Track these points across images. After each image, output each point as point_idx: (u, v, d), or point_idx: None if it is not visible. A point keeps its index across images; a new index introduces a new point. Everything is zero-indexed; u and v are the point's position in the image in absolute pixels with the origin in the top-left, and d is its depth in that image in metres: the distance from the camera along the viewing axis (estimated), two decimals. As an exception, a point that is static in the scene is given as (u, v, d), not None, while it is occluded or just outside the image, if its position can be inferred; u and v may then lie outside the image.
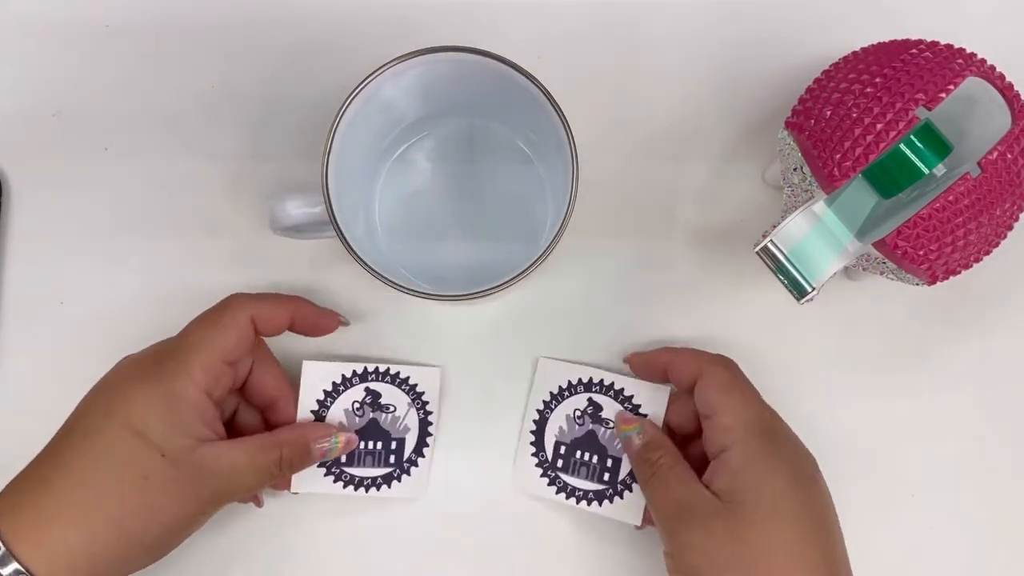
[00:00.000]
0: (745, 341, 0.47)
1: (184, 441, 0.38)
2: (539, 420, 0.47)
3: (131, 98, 0.49)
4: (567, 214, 0.39)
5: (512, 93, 0.41)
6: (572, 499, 0.46)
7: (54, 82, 0.49)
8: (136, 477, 0.37)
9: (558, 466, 0.46)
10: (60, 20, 0.50)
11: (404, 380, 0.47)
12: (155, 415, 0.38)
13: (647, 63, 0.49)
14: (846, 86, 0.40)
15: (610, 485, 0.46)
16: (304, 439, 0.42)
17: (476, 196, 0.47)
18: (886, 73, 0.39)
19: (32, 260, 0.48)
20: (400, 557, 0.46)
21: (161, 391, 0.38)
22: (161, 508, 0.38)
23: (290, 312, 0.43)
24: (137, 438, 0.38)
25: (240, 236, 0.48)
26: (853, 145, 0.38)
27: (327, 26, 0.49)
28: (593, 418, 0.46)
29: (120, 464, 0.37)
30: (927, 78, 0.38)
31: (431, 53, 0.40)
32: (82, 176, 0.49)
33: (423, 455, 0.47)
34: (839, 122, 0.39)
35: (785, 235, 0.40)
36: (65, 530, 0.36)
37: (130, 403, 0.38)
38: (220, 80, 0.49)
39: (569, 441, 0.46)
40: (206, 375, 0.39)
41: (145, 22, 0.50)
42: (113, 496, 0.37)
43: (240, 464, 0.39)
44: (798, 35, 0.49)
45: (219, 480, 0.39)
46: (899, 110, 0.38)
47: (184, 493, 0.38)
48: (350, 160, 0.42)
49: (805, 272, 0.40)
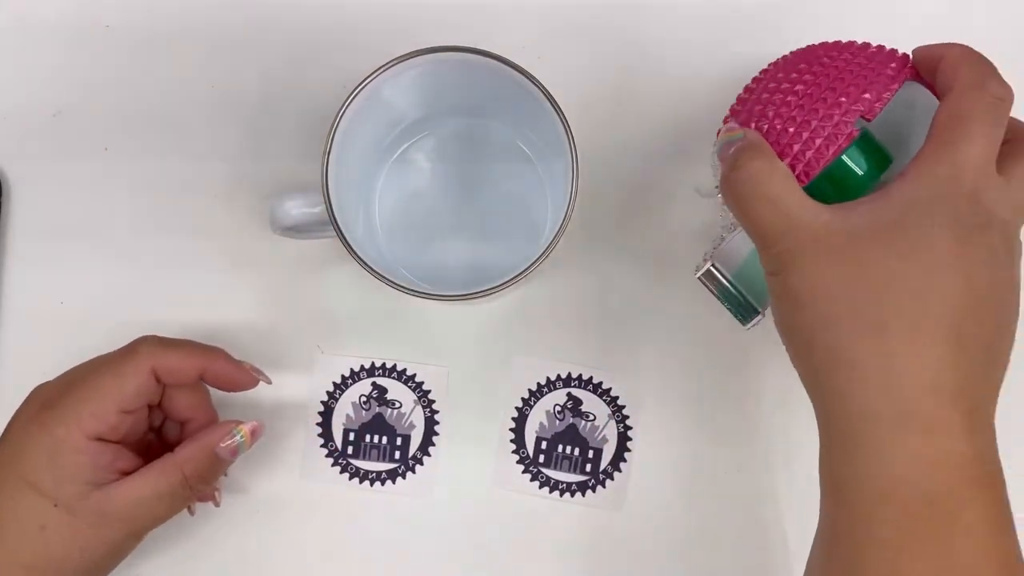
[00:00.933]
0: (748, 342, 0.47)
1: (74, 488, 0.38)
2: (518, 418, 0.47)
3: (131, 98, 0.49)
4: (567, 214, 0.39)
5: (512, 93, 0.41)
6: (556, 492, 0.46)
7: (54, 82, 0.49)
8: (35, 528, 0.37)
9: (540, 461, 0.46)
10: (60, 20, 0.50)
11: (411, 377, 0.47)
12: (43, 465, 0.37)
13: (648, 63, 0.49)
14: (780, 97, 0.38)
15: (592, 475, 0.46)
16: (206, 448, 0.40)
17: (476, 196, 0.47)
18: (820, 83, 0.37)
19: (32, 260, 0.48)
20: (404, 554, 0.47)
21: (47, 441, 0.38)
22: (65, 556, 0.38)
23: (200, 366, 0.41)
24: (31, 488, 0.37)
25: (240, 236, 0.48)
26: (792, 162, 0.36)
27: (327, 26, 0.49)
28: (574, 412, 0.47)
29: (19, 515, 0.37)
30: (862, 86, 0.36)
31: (431, 53, 0.40)
32: (82, 176, 0.49)
33: (428, 454, 0.47)
34: (776, 137, 0.37)
35: (726, 258, 0.38)
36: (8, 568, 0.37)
37: (21, 453, 0.38)
38: (220, 80, 0.49)
39: (550, 436, 0.47)
40: (99, 423, 0.38)
41: (145, 22, 0.50)
42: (19, 547, 0.37)
43: (145, 497, 0.38)
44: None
45: (125, 519, 0.38)
46: (837, 123, 0.36)
47: (87, 539, 0.38)
48: (350, 160, 0.42)
49: (751, 295, 0.38)
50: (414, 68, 0.41)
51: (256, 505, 0.47)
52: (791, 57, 0.40)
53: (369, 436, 0.47)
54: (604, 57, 0.49)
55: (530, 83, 0.40)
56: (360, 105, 0.41)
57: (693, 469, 0.47)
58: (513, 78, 0.40)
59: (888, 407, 0.32)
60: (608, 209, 0.48)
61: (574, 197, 0.39)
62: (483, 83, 0.42)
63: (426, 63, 0.41)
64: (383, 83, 0.41)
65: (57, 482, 0.37)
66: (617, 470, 0.46)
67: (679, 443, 0.47)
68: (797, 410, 0.47)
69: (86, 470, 0.38)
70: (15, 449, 0.38)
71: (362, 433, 0.47)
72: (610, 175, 0.48)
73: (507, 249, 0.46)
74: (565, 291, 0.48)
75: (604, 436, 0.46)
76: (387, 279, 0.39)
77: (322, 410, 0.47)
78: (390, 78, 0.41)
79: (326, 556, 0.47)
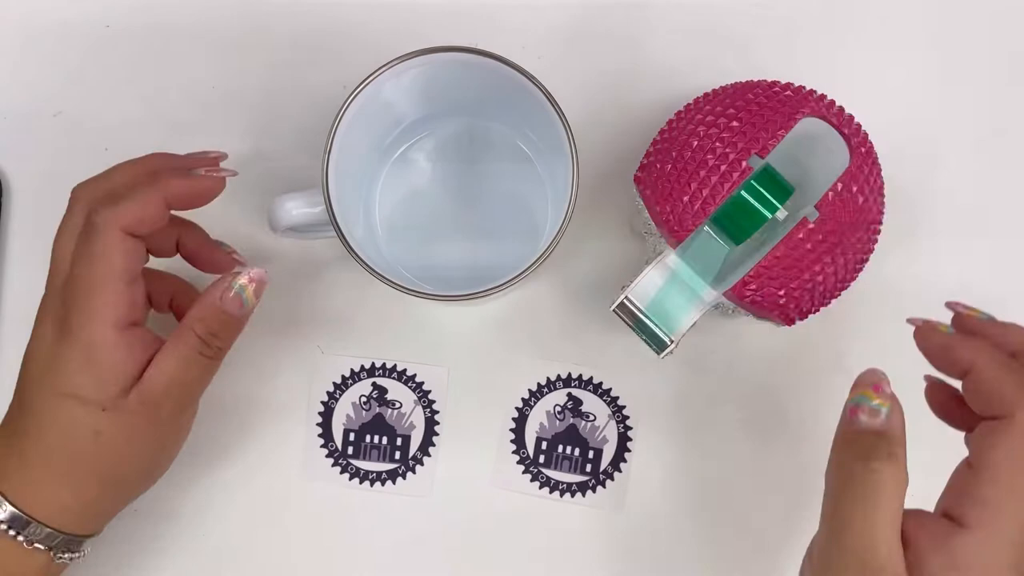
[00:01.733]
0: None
1: (117, 386, 0.37)
2: (518, 418, 0.47)
3: (131, 98, 0.49)
4: (567, 214, 0.39)
5: (512, 93, 0.41)
6: (556, 492, 0.46)
7: (54, 82, 0.49)
8: (88, 437, 0.37)
9: (540, 462, 0.47)
10: (60, 20, 0.50)
11: (411, 378, 0.47)
12: (79, 373, 0.37)
13: (648, 63, 0.49)
14: (684, 138, 0.40)
15: (592, 476, 0.46)
16: (209, 304, 0.38)
17: (476, 196, 0.47)
18: (720, 123, 0.39)
19: (32, 260, 0.48)
20: (404, 554, 0.46)
21: (78, 348, 0.37)
22: (126, 455, 0.38)
23: (161, 199, 0.38)
24: (71, 399, 0.37)
25: (240, 236, 0.48)
26: (692, 199, 0.39)
27: (327, 26, 0.49)
28: (574, 412, 0.47)
29: (68, 430, 0.37)
30: (759, 125, 0.39)
31: (431, 53, 0.40)
32: (82, 176, 0.49)
33: (429, 454, 0.47)
34: (677, 175, 0.39)
35: (641, 290, 0.40)
36: (56, 491, 0.37)
37: (50, 371, 0.37)
38: (220, 80, 0.49)
39: (550, 436, 0.47)
40: (116, 309, 0.37)
41: (145, 22, 0.50)
42: (77, 461, 0.37)
43: (172, 368, 0.38)
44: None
45: (165, 397, 0.38)
46: (732, 160, 0.38)
47: (142, 432, 0.38)
48: (350, 160, 0.42)
49: (663, 326, 0.40)
50: (414, 68, 0.41)
51: (256, 505, 0.47)
52: (701, 99, 0.43)
53: (369, 436, 0.47)
54: (605, 57, 0.49)
55: (530, 83, 0.40)
56: (360, 105, 0.41)
57: (693, 469, 0.47)
58: (513, 78, 0.40)
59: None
60: (608, 208, 0.48)
61: (574, 198, 0.39)
62: (483, 83, 0.42)
63: (426, 63, 0.41)
64: (383, 83, 0.41)
65: (99, 385, 0.37)
66: (617, 470, 0.46)
67: (679, 443, 0.47)
68: (796, 408, 0.47)
69: (125, 365, 0.37)
70: (42, 368, 0.37)
71: (362, 433, 0.47)
72: (610, 173, 0.48)
73: (507, 249, 0.46)
74: (565, 291, 0.48)
75: (604, 436, 0.46)
76: (387, 279, 0.39)
77: (322, 410, 0.47)
78: (390, 78, 0.41)
79: (326, 556, 0.46)
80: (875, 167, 0.41)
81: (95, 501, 0.39)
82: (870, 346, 0.47)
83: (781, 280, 0.39)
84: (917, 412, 0.34)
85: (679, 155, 0.40)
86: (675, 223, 0.39)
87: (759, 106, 0.40)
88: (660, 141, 0.42)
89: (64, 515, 0.38)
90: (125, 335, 0.37)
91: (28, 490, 0.37)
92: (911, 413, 0.33)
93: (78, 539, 0.39)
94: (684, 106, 0.43)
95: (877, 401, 0.32)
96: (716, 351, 0.47)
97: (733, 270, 0.40)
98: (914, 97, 0.49)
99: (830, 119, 0.40)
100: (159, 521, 0.46)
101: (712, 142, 0.39)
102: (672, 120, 0.43)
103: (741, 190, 0.38)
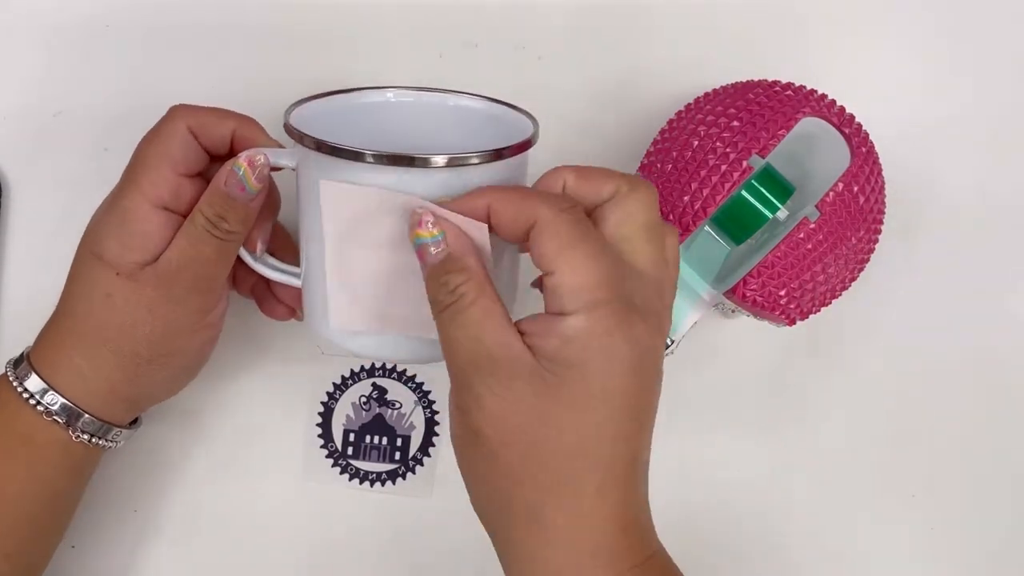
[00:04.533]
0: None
1: (138, 257, 0.39)
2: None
3: (131, 98, 0.49)
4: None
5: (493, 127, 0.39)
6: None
7: (54, 82, 0.49)
8: (101, 296, 0.39)
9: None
10: (60, 20, 0.50)
11: (411, 378, 0.47)
12: (111, 236, 0.39)
13: (648, 63, 0.49)
14: (685, 138, 0.40)
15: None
16: (214, 187, 0.39)
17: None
18: (720, 123, 0.39)
19: (32, 260, 0.48)
20: (404, 555, 0.46)
21: (116, 212, 0.39)
22: (134, 321, 0.39)
23: (232, 126, 0.40)
24: (97, 259, 0.39)
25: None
26: (692, 199, 0.39)
27: (328, 27, 0.49)
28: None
29: (87, 286, 0.39)
30: (760, 125, 0.39)
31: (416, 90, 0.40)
32: (82, 176, 0.49)
33: (428, 454, 0.47)
34: (677, 175, 0.40)
35: None
36: (70, 355, 0.39)
37: (95, 230, 0.40)
38: (220, 81, 0.49)
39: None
40: (157, 188, 0.39)
41: (145, 22, 0.50)
42: (90, 319, 0.39)
43: (183, 246, 0.39)
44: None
45: (177, 272, 0.39)
46: (733, 160, 0.38)
47: (152, 300, 0.39)
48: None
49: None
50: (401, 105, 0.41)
51: (256, 505, 0.47)
52: (702, 98, 0.43)
53: (369, 437, 0.47)
54: (605, 56, 0.49)
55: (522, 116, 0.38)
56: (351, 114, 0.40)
57: (705, 468, 0.47)
58: (503, 115, 0.39)
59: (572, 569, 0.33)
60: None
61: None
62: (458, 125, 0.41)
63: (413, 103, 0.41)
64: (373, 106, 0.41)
65: (122, 250, 0.39)
66: None
67: (679, 443, 0.47)
68: (796, 408, 0.47)
69: (151, 238, 0.39)
70: (88, 230, 0.40)
71: (362, 434, 0.47)
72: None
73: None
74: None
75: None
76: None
77: (322, 411, 0.47)
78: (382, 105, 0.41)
79: (326, 556, 0.46)
80: (876, 167, 0.41)
81: (110, 376, 0.39)
82: (871, 346, 0.47)
83: (782, 280, 0.39)
84: (920, 411, 0.34)
85: (679, 155, 0.40)
86: (675, 223, 0.39)
87: (760, 106, 0.40)
88: (660, 141, 0.42)
89: (80, 384, 0.39)
90: (160, 214, 0.39)
91: (48, 354, 0.39)
92: (915, 411, 0.33)
93: (96, 421, 0.39)
94: (684, 106, 0.43)
95: (430, 235, 0.34)
96: (716, 351, 0.47)
97: (733, 270, 0.40)
98: (915, 97, 0.49)
99: (831, 119, 0.40)
100: (160, 519, 0.46)
101: (712, 142, 0.39)
102: (672, 120, 0.43)
103: (742, 190, 0.38)
